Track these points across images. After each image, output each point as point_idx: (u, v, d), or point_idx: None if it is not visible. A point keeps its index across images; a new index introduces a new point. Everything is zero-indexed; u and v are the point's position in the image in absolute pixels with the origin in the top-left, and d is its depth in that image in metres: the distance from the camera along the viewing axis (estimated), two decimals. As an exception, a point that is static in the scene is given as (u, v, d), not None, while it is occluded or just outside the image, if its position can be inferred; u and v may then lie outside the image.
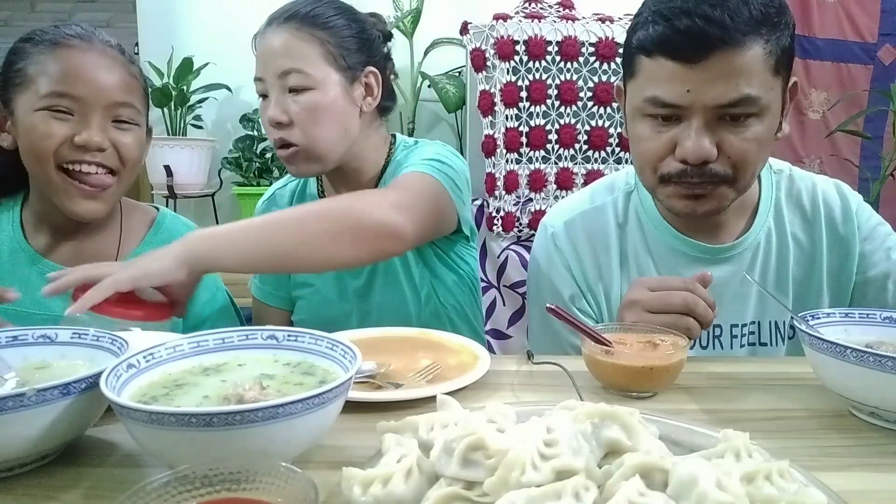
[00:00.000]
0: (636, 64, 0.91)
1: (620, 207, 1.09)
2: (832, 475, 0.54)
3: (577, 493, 0.42)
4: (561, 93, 2.09)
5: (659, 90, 0.87)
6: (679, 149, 0.88)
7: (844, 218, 1.05)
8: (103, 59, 0.96)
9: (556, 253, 1.08)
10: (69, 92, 0.93)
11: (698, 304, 0.83)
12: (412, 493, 0.46)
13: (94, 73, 0.95)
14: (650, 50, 0.87)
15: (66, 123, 0.94)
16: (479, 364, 0.81)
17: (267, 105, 1.10)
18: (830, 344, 0.67)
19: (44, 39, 0.95)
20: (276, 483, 0.44)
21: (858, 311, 0.81)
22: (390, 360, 0.82)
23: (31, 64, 0.94)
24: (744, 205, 1.04)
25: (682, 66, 0.84)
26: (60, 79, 0.93)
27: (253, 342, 0.68)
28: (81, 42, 0.96)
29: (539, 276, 1.12)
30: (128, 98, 0.98)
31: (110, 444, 0.63)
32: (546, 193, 2.15)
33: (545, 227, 1.12)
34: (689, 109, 0.86)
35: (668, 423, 0.58)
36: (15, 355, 0.67)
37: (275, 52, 1.08)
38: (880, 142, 2.67)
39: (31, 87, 0.93)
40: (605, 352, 0.77)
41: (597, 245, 1.07)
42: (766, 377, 0.84)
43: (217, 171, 2.56)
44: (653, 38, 0.86)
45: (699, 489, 0.41)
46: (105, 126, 0.96)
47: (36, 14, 4.76)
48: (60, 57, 0.94)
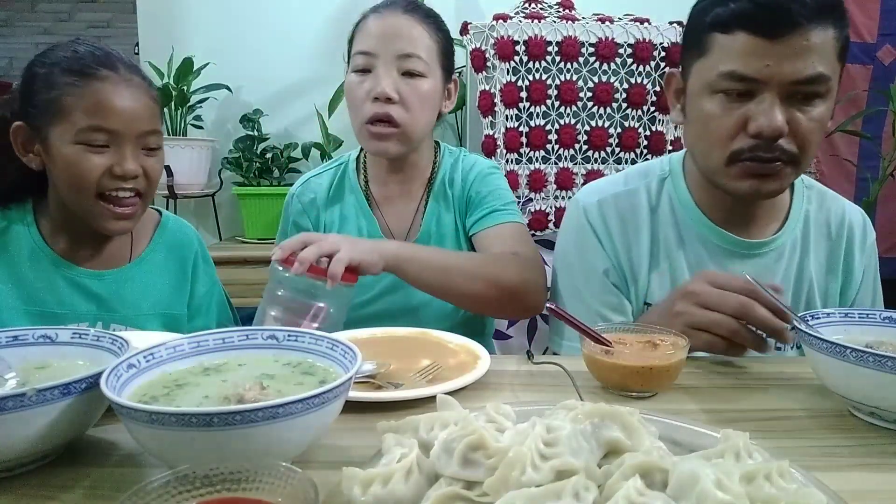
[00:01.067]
0: (709, 41, 0.92)
1: (654, 192, 1.10)
2: (832, 475, 0.54)
3: (576, 493, 0.42)
4: (561, 93, 2.09)
5: (737, 64, 0.89)
6: (753, 123, 0.90)
7: (860, 247, 1.10)
8: (131, 91, 1.00)
9: (589, 228, 1.09)
10: (105, 126, 0.98)
11: (755, 311, 0.82)
12: (412, 493, 0.46)
13: (125, 106, 0.99)
14: (730, 25, 0.89)
15: (103, 156, 0.99)
16: (480, 364, 0.81)
17: (366, 80, 1.15)
18: (830, 344, 0.67)
19: (73, 69, 0.97)
20: (276, 483, 0.44)
21: (858, 311, 0.82)
22: (390, 360, 0.82)
23: (65, 95, 0.96)
24: (776, 207, 1.07)
25: (762, 41, 0.87)
26: (95, 114, 0.97)
27: (253, 342, 0.68)
28: (110, 73, 0.99)
29: (568, 251, 1.13)
30: (154, 125, 1.04)
31: (110, 444, 0.63)
32: (546, 193, 2.15)
33: (577, 203, 1.13)
34: (766, 84, 0.88)
35: (668, 423, 0.58)
36: (15, 355, 0.67)
37: (400, 33, 1.14)
38: (879, 142, 2.67)
39: (67, 119, 0.97)
40: (605, 352, 0.77)
41: (628, 227, 1.08)
42: (766, 377, 0.84)
43: (217, 171, 2.56)
44: (735, 13, 0.88)
45: (699, 489, 0.41)
46: (136, 154, 1.02)
47: (36, 14, 4.76)
48: (93, 91, 0.97)
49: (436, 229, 1.25)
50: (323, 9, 2.52)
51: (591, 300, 1.08)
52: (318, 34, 2.54)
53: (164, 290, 1.14)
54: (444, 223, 1.25)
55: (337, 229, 1.26)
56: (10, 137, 1.00)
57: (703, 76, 0.94)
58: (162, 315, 1.13)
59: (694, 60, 0.96)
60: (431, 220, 1.25)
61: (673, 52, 2.08)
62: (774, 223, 1.07)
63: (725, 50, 0.90)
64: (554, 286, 1.17)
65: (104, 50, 1.02)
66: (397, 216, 1.27)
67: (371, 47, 1.14)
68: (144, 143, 1.02)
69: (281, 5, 2.53)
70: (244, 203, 2.46)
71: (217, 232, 2.63)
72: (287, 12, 2.53)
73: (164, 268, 1.15)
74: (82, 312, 1.06)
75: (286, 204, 1.31)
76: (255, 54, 2.52)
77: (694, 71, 0.97)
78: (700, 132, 0.98)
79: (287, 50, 2.53)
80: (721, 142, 0.94)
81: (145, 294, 1.12)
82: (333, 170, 1.31)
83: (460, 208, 1.25)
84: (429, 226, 1.25)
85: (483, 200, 1.22)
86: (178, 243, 1.18)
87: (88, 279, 1.08)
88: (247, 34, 2.52)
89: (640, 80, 2.09)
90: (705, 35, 0.93)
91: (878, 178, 2.56)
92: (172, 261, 1.16)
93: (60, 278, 1.06)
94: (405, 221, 1.27)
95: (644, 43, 2.07)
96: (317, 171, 1.33)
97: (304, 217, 1.28)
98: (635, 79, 2.09)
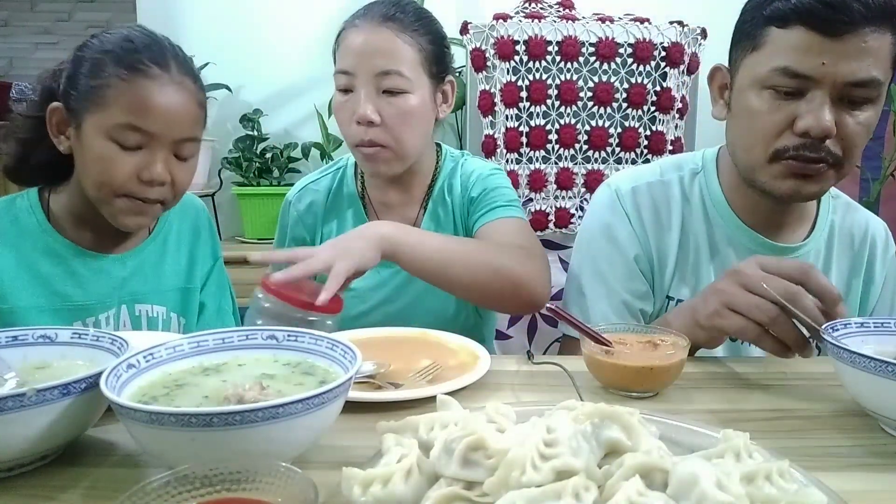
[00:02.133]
0: (764, 35, 0.91)
1: (687, 186, 1.09)
2: (832, 475, 0.54)
3: (577, 494, 0.42)
4: (561, 93, 2.08)
5: (792, 60, 0.87)
6: (801, 121, 0.88)
7: (882, 260, 1.10)
8: (178, 94, 0.95)
9: (623, 213, 1.08)
10: (142, 127, 0.92)
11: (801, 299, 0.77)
12: (412, 494, 0.46)
13: (168, 108, 0.94)
14: (789, 19, 0.87)
15: (133, 157, 0.94)
16: (480, 364, 0.81)
17: (349, 100, 1.09)
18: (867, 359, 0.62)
19: (123, 61, 0.92)
20: (276, 483, 0.44)
21: (873, 320, 0.77)
22: (390, 359, 0.82)
23: (109, 87, 0.92)
24: (803, 215, 1.07)
25: (820, 38, 0.85)
26: (135, 112, 0.92)
27: (253, 342, 0.68)
28: (160, 71, 0.94)
29: (595, 235, 1.10)
30: (194, 133, 0.99)
31: (110, 444, 0.63)
32: (546, 193, 2.14)
33: (610, 188, 1.11)
34: (819, 83, 0.87)
35: (669, 423, 0.58)
36: (15, 355, 0.67)
37: (375, 50, 1.06)
38: (881, 142, 2.67)
39: (106, 110, 0.92)
40: (605, 352, 0.77)
41: (661, 217, 1.07)
42: (766, 377, 0.84)
43: (217, 170, 2.56)
44: (796, 7, 0.86)
45: (699, 489, 0.41)
46: (168, 160, 0.96)
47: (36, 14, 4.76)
48: (139, 88, 0.92)
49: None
50: (323, 9, 2.52)
51: (616, 285, 1.07)
52: (317, 34, 2.53)
53: (181, 262, 1.13)
54: (443, 229, 1.22)
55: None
56: (46, 115, 0.97)
57: (754, 71, 0.92)
58: (183, 289, 1.12)
59: (745, 54, 0.94)
60: (430, 226, 1.21)
61: (673, 52, 2.08)
62: (802, 230, 1.07)
63: (781, 45, 0.88)
64: (573, 271, 1.14)
65: (161, 44, 0.97)
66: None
67: (349, 66, 1.07)
68: (178, 150, 0.97)
69: (281, 5, 2.53)
70: (244, 203, 2.46)
71: (217, 232, 2.62)
72: (287, 12, 2.53)
73: (179, 238, 1.14)
74: (110, 301, 1.04)
75: (283, 211, 1.28)
76: (255, 54, 2.52)
77: (744, 65, 0.95)
78: (745, 127, 0.96)
79: (287, 50, 2.53)
80: (766, 138, 0.92)
81: (165, 269, 1.11)
82: (331, 175, 1.27)
83: (461, 214, 1.22)
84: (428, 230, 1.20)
85: (485, 198, 1.18)
86: (187, 212, 1.17)
87: (111, 265, 1.05)
88: (246, 34, 2.52)
89: (641, 80, 2.09)
90: (760, 29, 0.91)
91: (879, 178, 2.57)
92: (185, 231, 1.16)
93: (83, 268, 1.02)
94: None
95: (644, 43, 2.07)
96: (314, 176, 1.29)
97: (300, 226, 1.24)
98: (635, 78, 2.09)
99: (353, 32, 1.08)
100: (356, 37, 1.07)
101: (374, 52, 1.06)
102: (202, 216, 1.20)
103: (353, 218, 1.23)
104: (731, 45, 0.99)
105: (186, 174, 1.01)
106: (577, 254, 1.16)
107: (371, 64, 1.06)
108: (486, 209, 1.18)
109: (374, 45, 1.06)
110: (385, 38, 1.06)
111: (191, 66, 1.00)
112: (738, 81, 0.97)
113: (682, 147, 2.14)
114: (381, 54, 1.06)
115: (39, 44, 4.57)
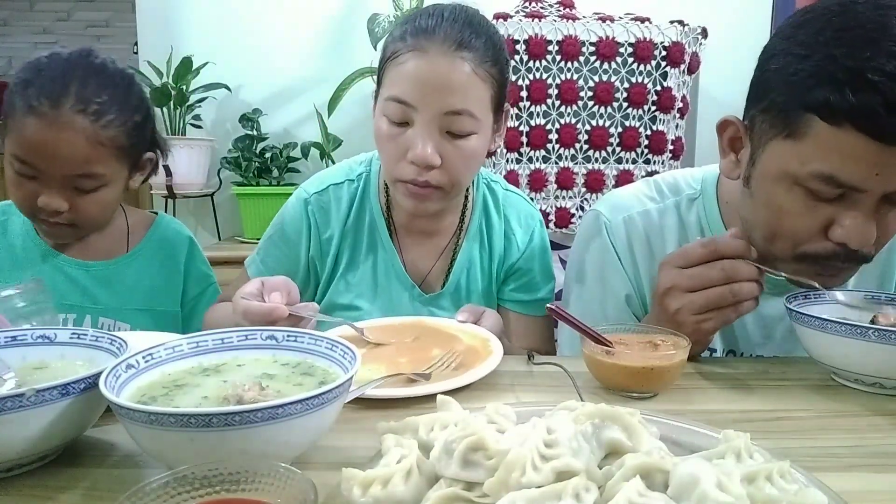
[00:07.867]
0: (804, 125, 0.74)
1: (683, 212, 1.02)
2: (832, 475, 0.54)
3: (577, 494, 0.42)
4: (561, 92, 2.08)
5: (839, 168, 0.73)
6: (841, 231, 0.77)
7: None
8: (63, 133, 0.95)
9: (612, 248, 1.02)
10: (30, 161, 0.97)
11: (738, 268, 0.78)
12: (412, 494, 0.46)
13: (54, 147, 0.96)
14: (840, 118, 0.71)
15: (31, 182, 0.99)
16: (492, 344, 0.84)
17: (403, 135, 0.94)
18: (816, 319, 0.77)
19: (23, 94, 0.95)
20: (275, 484, 0.44)
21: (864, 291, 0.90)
22: (400, 352, 0.83)
23: (11, 117, 0.97)
24: None
25: (878, 146, 0.70)
26: (22, 146, 0.97)
27: (252, 342, 0.68)
28: (51, 111, 0.94)
29: (585, 269, 1.05)
30: (88, 169, 0.99)
31: (110, 444, 0.63)
32: (546, 193, 2.14)
33: (598, 218, 1.04)
34: (866, 193, 0.75)
35: (669, 424, 0.58)
36: (14, 355, 0.66)
37: (445, 85, 0.91)
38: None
39: (9, 137, 0.98)
40: (605, 352, 0.76)
41: (654, 248, 1.02)
42: (767, 378, 0.84)
43: (216, 170, 2.56)
44: (852, 107, 0.70)
45: (700, 490, 0.41)
46: (65, 192, 1.00)
47: (35, 13, 4.75)
48: (28, 125, 0.95)
49: (465, 283, 1.11)
50: (323, 8, 2.52)
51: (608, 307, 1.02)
52: (317, 34, 2.53)
53: (152, 287, 1.16)
54: (472, 276, 1.11)
55: (346, 261, 1.09)
56: None
57: (787, 163, 0.78)
58: (151, 311, 1.15)
59: (774, 134, 0.79)
60: (461, 272, 1.11)
61: (674, 52, 2.08)
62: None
63: (828, 145, 0.73)
64: (566, 297, 1.10)
65: (68, 77, 0.97)
66: (421, 252, 1.11)
67: (409, 97, 0.91)
68: (77, 184, 1.00)
69: (280, 5, 2.52)
70: (243, 203, 2.46)
71: (216, 232, 2.62)
72: (287, 12, 2.52)
73: (153, 265, 1.17)
74: (69, 303, 1.08)
75: (293, 204, 1.11)
76: (255, 54, 2.52)
77: (772, 148, 0.80)
78: (768, 219, 0.83)
79: (286, 49, 2.53)
80: (794, 239, 0.81)
81: (133, 289, 1.14)
82: (354, 187, 1.10)
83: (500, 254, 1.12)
84: (457, 277, 1.11)
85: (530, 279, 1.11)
86: (169, 241, 1.20)
87: (72, 268, 1.11)
88: (246, 33, 2.52)
89: (641, 80, 2.09)
90: (799, 113, 0.75)
91: None
92: (162, 258, 1.18)
93: (48, 267, 1.10)
94: (429, 260, 1.11)
95: (645, 42, 2.07)
96: (335, 176, 1.12)
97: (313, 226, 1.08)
98: (636, 78, 2.09)
99: (416, 58, 0.91)
100: (423, 64, 0.91)
101: (443, 87, 0.91)
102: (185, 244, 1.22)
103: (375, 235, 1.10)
104: (750, 99, 0.85)
105: (90, 205, 1.03)
106: (567, 287, 1.10)
107: (440, 101, 0.91)
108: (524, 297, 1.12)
109: (444, 80, 0.91)
110: (459, 72, 0.91)
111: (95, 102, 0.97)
112: (762, 164, 0.82)
113: (683, 146, 2.14)
114: (451, 91, 0.91)
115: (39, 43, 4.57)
